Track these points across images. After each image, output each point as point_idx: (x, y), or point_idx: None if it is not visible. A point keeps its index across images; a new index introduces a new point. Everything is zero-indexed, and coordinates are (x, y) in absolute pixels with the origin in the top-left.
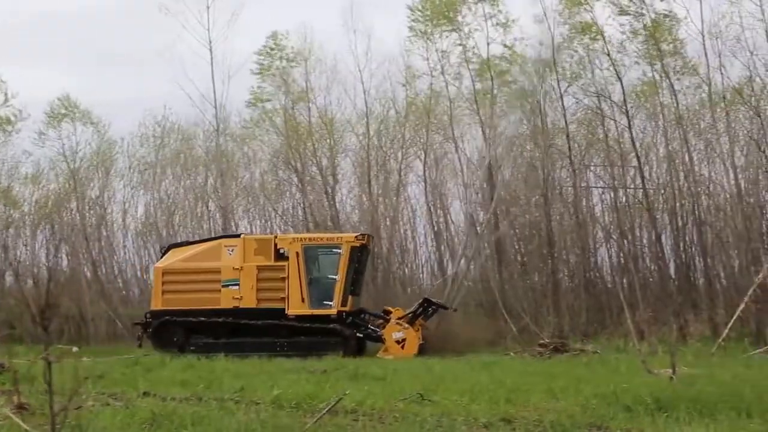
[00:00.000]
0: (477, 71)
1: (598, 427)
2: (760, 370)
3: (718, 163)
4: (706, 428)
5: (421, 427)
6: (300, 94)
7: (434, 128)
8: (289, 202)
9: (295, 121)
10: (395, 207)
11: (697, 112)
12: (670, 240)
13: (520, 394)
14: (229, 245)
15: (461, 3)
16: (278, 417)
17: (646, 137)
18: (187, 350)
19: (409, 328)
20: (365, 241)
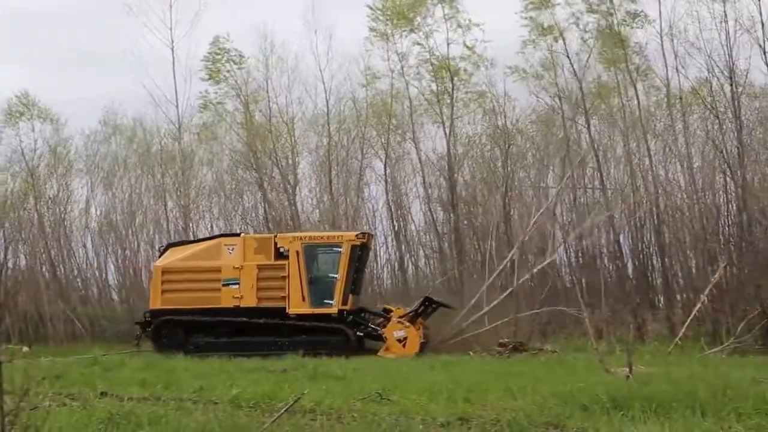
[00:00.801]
0: (437, 72)
1: (554, 426)
2: (715, 369)
3: (676, 164)
4: (661, 426)
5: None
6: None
7: (394, 128)
8: (249, 202)
9: (254, 121)
10: (356, 206)
11: (655, 113)
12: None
13: (479, 394)
14: (229, 244)
15: (421, 4)
16: (236, 416)
17: (603, 138)
18: (187, 350)
19: (411, 327)
20: (366, 240)
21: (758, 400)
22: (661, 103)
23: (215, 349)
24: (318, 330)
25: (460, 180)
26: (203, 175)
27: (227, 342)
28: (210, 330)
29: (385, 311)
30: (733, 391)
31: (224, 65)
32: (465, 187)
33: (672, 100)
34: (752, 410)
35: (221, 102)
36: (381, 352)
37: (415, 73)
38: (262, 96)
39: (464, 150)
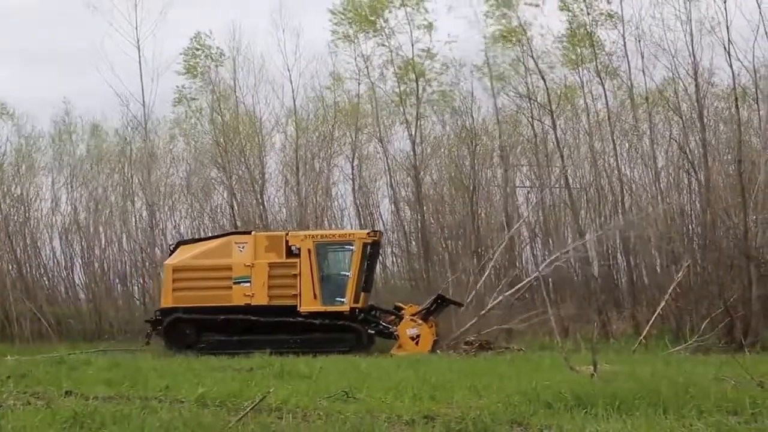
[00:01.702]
0: (402, 73)
1: (519, 424)
2: (678, 367)
3: (641, 164)
4: (624, 424)
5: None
6: (227, 92)
7: (361, 127)
8: (217, 201)
9: (222, 120)
10: (323, 206)
11: (620, 113)
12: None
13: (444, 392)
14: (240, 242)
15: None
16: (202, 415)
17: (569, 138)
18: (198, 348)
19: (423, 325)
20: (377, 238)
21: (719, 398)
22: (626, 104)
23: (227, 347)
24: (330, 328)
25: (428, 179)
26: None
27: (239, 340)
28: (221, 328)
29: (396, 309)
30: (695, 388)
31: (202, 60)
32: (432, 187)
33: (637, 101)
34: (713, 408)
35: (195, 98)
36: (394, 350)
37: (380, 74)
38: (229, 95)
39: (431, 149)
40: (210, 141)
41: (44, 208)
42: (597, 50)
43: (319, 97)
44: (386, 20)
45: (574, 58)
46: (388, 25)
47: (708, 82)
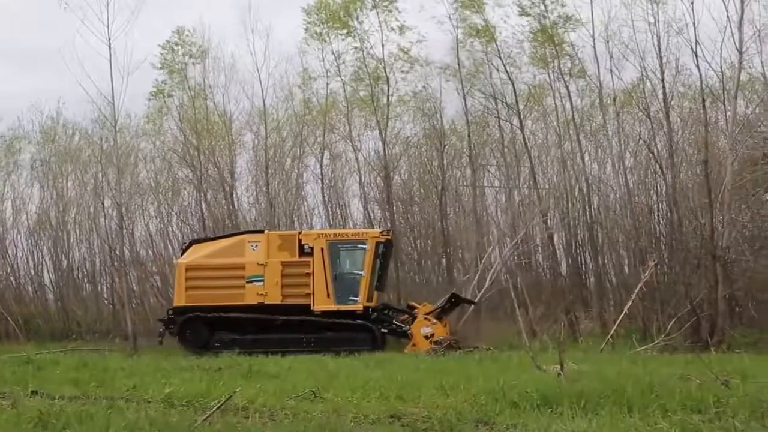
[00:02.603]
0: (372, 73)
1: (485, 423)
2: (644, 366)
3: (609, 164)
4: (589, 423)
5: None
6: (198, 91)
7: (331, 127)
8: (186, 200)
9: (193, 119)
10: (293, 205)
11: (589, 114)
12: (562, 239)
13: (411, 391)
14: (253, 241)
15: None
16: (168, 415)
17: (538, 138)
18: (212, 347)
19: (437, 323)
20: (390, 237)
21: (684, 397)
22: (595, 104)
23: (240, 346)
24: (343, 327)
25: (398, 179)
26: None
27: (252, 339)
28: (234, 327)
29: (408, 308)
30: (661, 387)
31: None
32: (402, 187)
33: (605, 101)
34: (678, 406)
35: (171, 94)
36: (408, 348)
37: (352, 74)
38: (199, 94)
39: (401, 149)
40: (180, 140)
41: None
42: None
43: (289, 96)
44: (360, 21)
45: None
46: (361, 26)
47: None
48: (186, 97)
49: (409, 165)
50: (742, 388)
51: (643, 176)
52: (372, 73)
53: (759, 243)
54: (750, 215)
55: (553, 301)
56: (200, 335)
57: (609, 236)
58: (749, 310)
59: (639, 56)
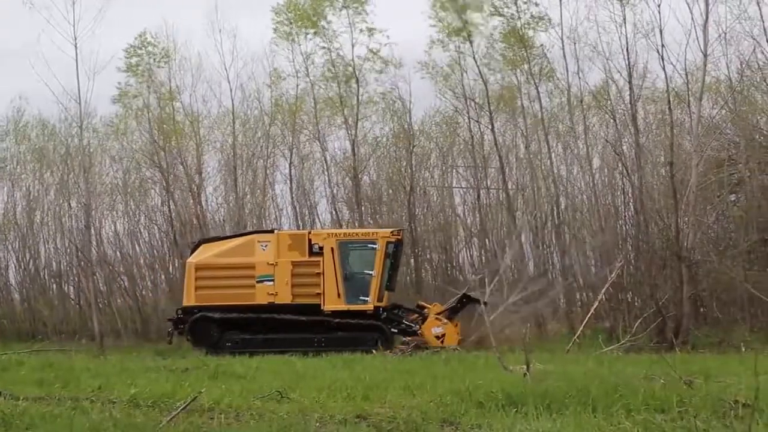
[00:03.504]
0: (342, 73)
1: (450, 423)
2: (609, 367)
3: (576, 165)
4: (553, 423)
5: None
6: (165, 92)
7: (300, 128)
8: (154, 200)
9: (160, 119)
10: (261, 205)
11: (557, 115)
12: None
13: (378, 391)
14: (263, 240)
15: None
16: (133, 416)
17: (507, 139)
18: (222, 347)
19: (448, 323)
20: (400, 236)
21: (647, 396)
22: (563, 106)
23: (251, 346)
24: (354, 327)
25: (366, 180)
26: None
27: (263, 339)
28: (245, 327)
29: (418, 307)
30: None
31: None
32: (371, 187)
33: (573, 103)
34: (641, 406)
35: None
36: None
37: (321, 74)
38: (167, 94)
39: (370, 150)
40: (147, 140)
41: None
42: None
43: (257, 96)
44: (329, 22)
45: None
46: (330, 27)
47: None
48: (153, 97)
49: (377, 165)
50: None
51: (610, 177)
52: (341, 73)
53: (723, 244)
54: (715, 217)
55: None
56: (210, 335)
57: (576, 237)
58: (714, 311)
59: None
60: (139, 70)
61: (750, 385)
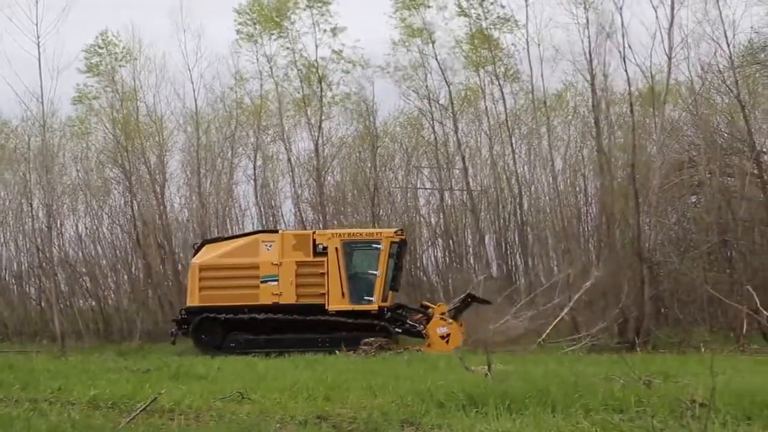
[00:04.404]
0: (306, 74)
1: (410, 423)
2: (570, 367)
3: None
4: (513, 422)
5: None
6: (128, 92)
7: (264, 128)
8: (117, 201)
9: (123, 119)
10: (225, 206)
11: (521, 116)
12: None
13: (340, 392)
14: (267, 241)
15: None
16: (92, 417)
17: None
18: (227, 347)
19: (453, 323)
20: (404, 236)
21: (606, 396)
22: (526, 107)
23: (255, 346)
24: (358, 327)
25: (330, 180)
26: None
27: (267, 339)
28: (249, 327)
29: (422, 307)
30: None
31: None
32: (335, 188)
33: (537, 104)
34: (600, 406)
35: (97, 96)
36: (423, 348)
37: (285, 75)
38: (130, 94)
39: (334, 150)
40: (110, 140)
41: None
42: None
43: (221, 97)
44: (292, 22)
45: (476, 60)
46: (294, 27)
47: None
48: (115, 97)
49: (342, 166)
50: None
51: (573, 178)
52: (305, 74)
53: (684, 245)
54: (676, 218)
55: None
56: (214, 336)
57: (539, 238)
58: (675, 311)
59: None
60: (101, 69)
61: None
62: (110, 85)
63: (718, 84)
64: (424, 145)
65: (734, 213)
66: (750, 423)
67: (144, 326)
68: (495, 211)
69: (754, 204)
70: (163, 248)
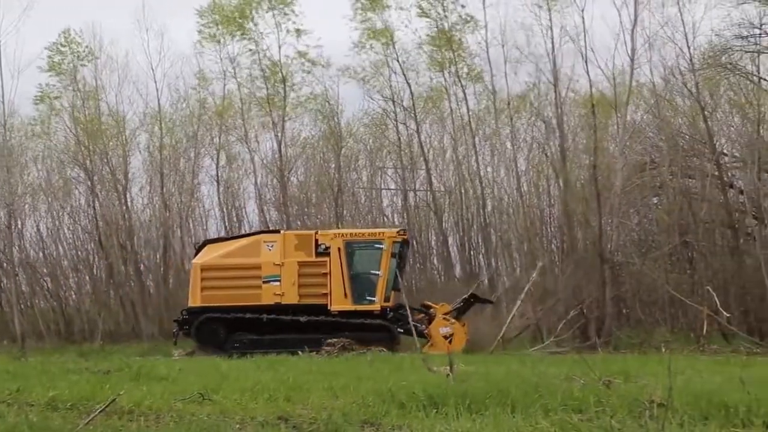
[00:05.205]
0: (269, 75)
1: (371, 424)
2: (531, 367)
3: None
4: (473, 423)
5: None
6: (90, 91)
7: (227, 129)
8: (78, 201)
9: (85, 119)
10: (188, 206)
11: (484, 118)
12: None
13: (301, 393)
14: (269, 241)
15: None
16: (51, 419)
17: (434, 141)
18: (229, 348)
19: (456, 323)
20: (406, 236)
21: (566, 396)
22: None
23: (258, 346)
24: (360, 327)
25: (294, 181)
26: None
27: (270, 340)
28: (251, 327)
29: (424, 307)
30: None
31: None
32: (299, 188)
33: (500, 105)
34: (559, 406)
35: (58, 96)
36: (426, 348)
37: (248, 75)
38: (92, 93)
39: (298, 151)
40: (71, 140)
41: None
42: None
43: (184, 97)
44: (256, 24)
45: (439, 61)
46: (257, 28)
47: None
48: (77, 97)
49: (306, 167)
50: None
51: (536, 180)
52: (269, 74)
53: (646, 246)
54: (638, 219)
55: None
56: (217, 336)
57: (502, 239)
58: (636, 312)
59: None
60: (63, 68)
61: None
62: (72, 84)
63: (679, 87)
64: (388, 146)
65: (695, 214)
66: (707, 423)
67: (106, 327)
68: (458, 212)
69: (715, 205)
70: (125, 248)
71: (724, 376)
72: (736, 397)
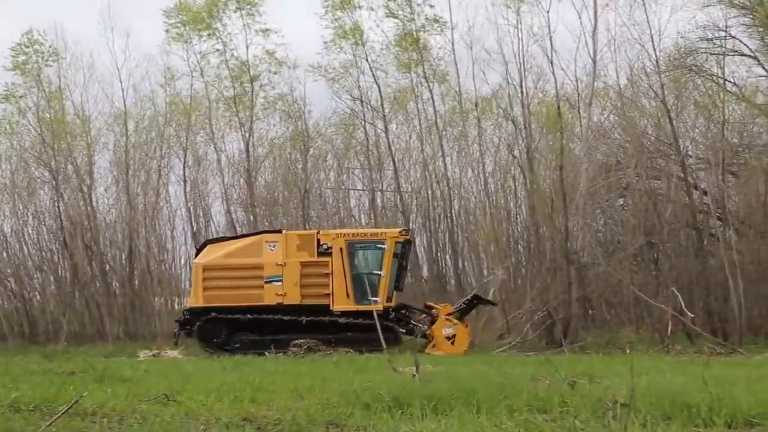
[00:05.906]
0: (236, 74)
1: (335, 425)
2: (498, 367)
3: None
4: (438, 423)
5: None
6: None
7: (195, 129)
8: (43, 201)
9: (49, 118)
10: (154, 207)
11: (451, 118)
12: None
13: (266, 394)
14: (271, 241)
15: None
16: (12, 420)
17: (401, 142)
18: (231, 348)
19: (459, 324)
20: (408, 236)
21: (531, 397)
22: (457, 109)
23: (259, 347)
24: (363, 327)
25: (261, 181)
26: None
27: (272, 340)
28: (253, 328)
29: (426, 308)
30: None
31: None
32: (266, 188)
33: (467, 106)
34: (524, 406)
35: (23, 95)
36: (428, 349)
37: (215, 75)
38: (57, 93)
39: (265, 151)
40: (36, 139)
41: None
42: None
43: (150, 97)
44: (224, 24)
45: (406, 61)
46: (225, 29)
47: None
48: (42, 96)
49: (273, 167)
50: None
51: (503, 180)
52: (237, 74)
53: (611, 247)
54: (603, 220)
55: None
56: (219, 336)
57: (469, 239)
58: (602, 312)
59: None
60: (27, 68)
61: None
62: (37, 84)
63: (645, 88)
64: (356, 146)
65: (660, 215)
66: (669, 423)
67: (70, 328)
68: (426, 213)
69: (680, 206)
70: (90, 249)
71: (687, 377)
72: (698, 397)
